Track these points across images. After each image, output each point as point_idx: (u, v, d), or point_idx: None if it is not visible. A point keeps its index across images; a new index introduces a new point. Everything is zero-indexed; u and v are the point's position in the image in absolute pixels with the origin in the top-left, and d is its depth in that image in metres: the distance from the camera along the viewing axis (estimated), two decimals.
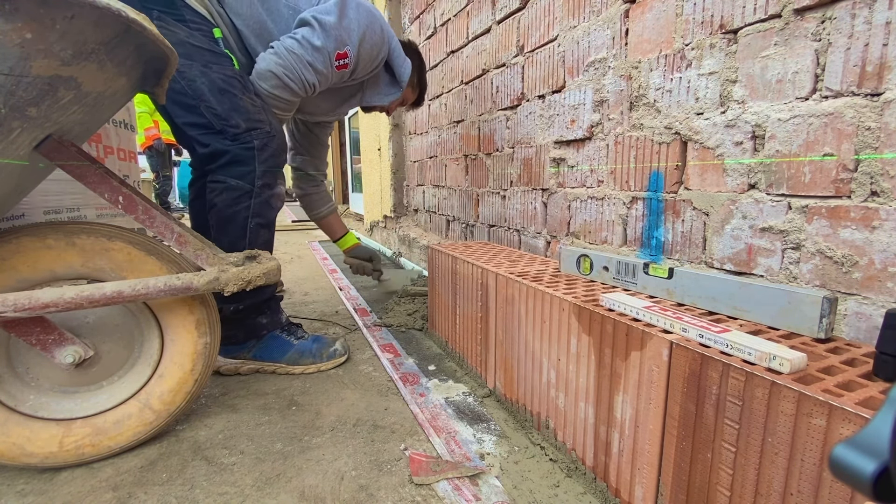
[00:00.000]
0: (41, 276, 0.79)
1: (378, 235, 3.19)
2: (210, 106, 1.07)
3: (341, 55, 1.18)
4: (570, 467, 0.78)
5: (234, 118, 1.08)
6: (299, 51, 1.14)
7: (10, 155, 0.67)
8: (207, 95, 1.07)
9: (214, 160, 1.11)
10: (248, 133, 1.10)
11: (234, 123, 1.09)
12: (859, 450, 0.20)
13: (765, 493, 0.48)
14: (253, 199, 1.12)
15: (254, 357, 1.20)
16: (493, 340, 1.03)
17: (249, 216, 1.13)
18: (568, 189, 1.22)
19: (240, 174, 1.11)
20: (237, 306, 1.14)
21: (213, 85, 1.07)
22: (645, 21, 0.94)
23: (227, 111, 1.08)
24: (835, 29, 0.63)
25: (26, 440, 0.78)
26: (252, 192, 1.12)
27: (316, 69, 1.17)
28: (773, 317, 0.61)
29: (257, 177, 1.12)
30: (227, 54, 1.12)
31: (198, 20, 1.09)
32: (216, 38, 1.11)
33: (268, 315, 1.21)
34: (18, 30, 0.54)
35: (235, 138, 1.09)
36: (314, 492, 0.75)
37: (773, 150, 0.72)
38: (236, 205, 1.11)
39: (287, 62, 1.14)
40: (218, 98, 1.07)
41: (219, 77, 1.08)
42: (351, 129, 4.76)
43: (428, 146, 2.27)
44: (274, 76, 1.15)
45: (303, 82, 1.18)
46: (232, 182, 1.11)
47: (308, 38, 1.13)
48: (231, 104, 1.08)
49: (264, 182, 1.14)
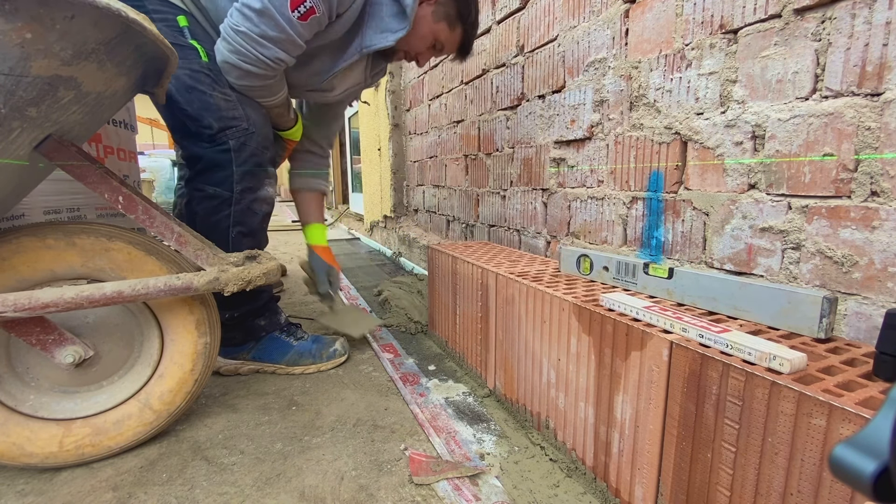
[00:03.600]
0: (41, 276, 0.79)
1: (378, 235, 3.19)
2: (181, 107, 0.98)
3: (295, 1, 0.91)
4: (570, 467, 0.78)
5: (205, 118, 0.99)
6: (244, 25, 0.92)
7: (10, 155, 0.67)
8: (176, 96, 0.98)
9: (192, 166, 1.04)
10: (223, 133, 1.01)
11: (207, 124, 1.00)
12: (859, 450, 0.20)
13: (765, 493, 0.48)
14: (233, 206, 1.04)
15: (253, 358, 1.19)
16: (493, 340, 1.03)
17: (230, 225, 1.05)
18: (568, 189, 1.22)
19: (217, 180, 1.03)
20: (232, 314, 1.11)
21: (179, 83, 0.97)
22: (645, 21, 0.94)
23: (197, 111, 0.99)
24: (835, 29, 0.63)
25: (26, 440, 0.78)
26: (231, 199, 1.04)
27: (270, 38, 0.93)
28: (773, 317, 0.61)
29: (235, 181, 1.03)
30: (192, 46, 0.99)
31: (161, 8, 0.98)
32: (181, 28, 0.99)
33: (266, 317, 1.19)
34: (18, 30, 0.54)
35: (210, 140, 1.01)
36: (314, 492, 0.75)
37: (773, 150, 0.72)
38: (216, 213, 1.04)
39: (236, 44, 0.94)
40: (186, 97, 0.98)
41: (185, 73, 0.97)
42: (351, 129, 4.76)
43: (428, 146, 2.27)
44: (231, 66, 0.97)
45: (262, 61, 0.96)
46: (210, 190, 1.03)
47: (247, 3, 0.91)
48: (201, 103, 0.99)
49: (244, 186, 1.05)
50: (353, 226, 4.06)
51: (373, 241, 3.31)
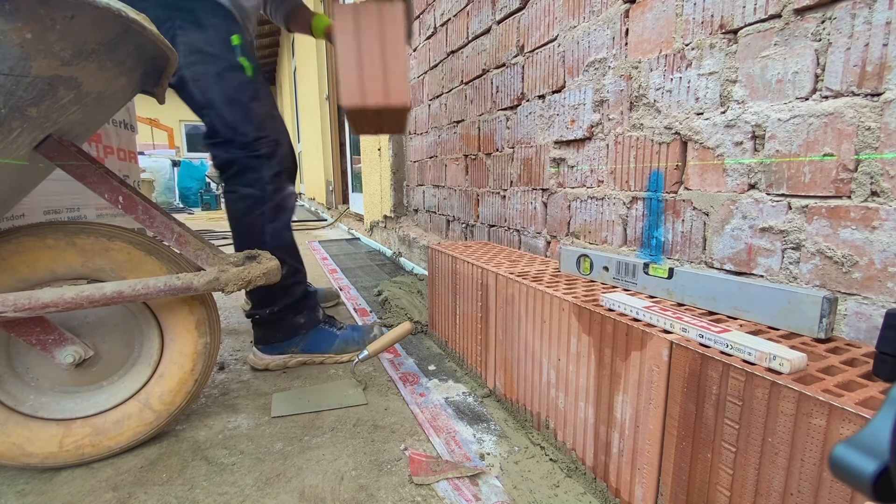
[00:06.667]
0: (41, 276, 0.79)
1: (378, 235, 3.19)
2: (221, 114, 1.10)
3: None
4: (570, 467, 0.78)
5: (242, 127, 1.12)
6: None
7: (10, 155, 0.67)
8: (219, 105, 1.10)
9: (225, 170, 1.15)
10: (257, 142, 1.13)
11: (243, 132, 1.12)
12: (859, 450, 0.20)
13: (765, 493, 0.48)
14: (266, 203, 1.16)
15: (302, 350, 1.24)
16: (493, 340, 1.03)
17: (266, 222, 1.17)
18: (568, 189, 1.22)
19: (250, 181, 1.15)
20: (272, 309, 1.18)
21: (224, 94, 1.10)
22: (645, 21, 0.94)
23: (236, 121, 1.11)
24: (835, 29, 0.63)
25: (26, 440, 0.78)
26: (264, 198, 1.16)
27: None
28: (773, 317, 0.61)
29: (267, 182, 1.16)
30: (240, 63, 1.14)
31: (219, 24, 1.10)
32: (233, 46, 1.12)
33: (305, 314, 1.25)
34: (18, 30, 0.54)
35: (244, 147, 1.13)
36: (314, 492, 0.75)
37: (773, 150, 0.72)
38: (251, 212, 1.16)
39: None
40: (228, 107, 1.10)
41: (230, 87, 1.11)
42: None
43: (428, 146, 2.27)
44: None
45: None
46: (244, 191, 1.15)
47: None
48: (242, 114, 1.12)
49: (275, 186, 1.17)
50: (353, 226, 4.05)
51: (373, 241, 3.31)
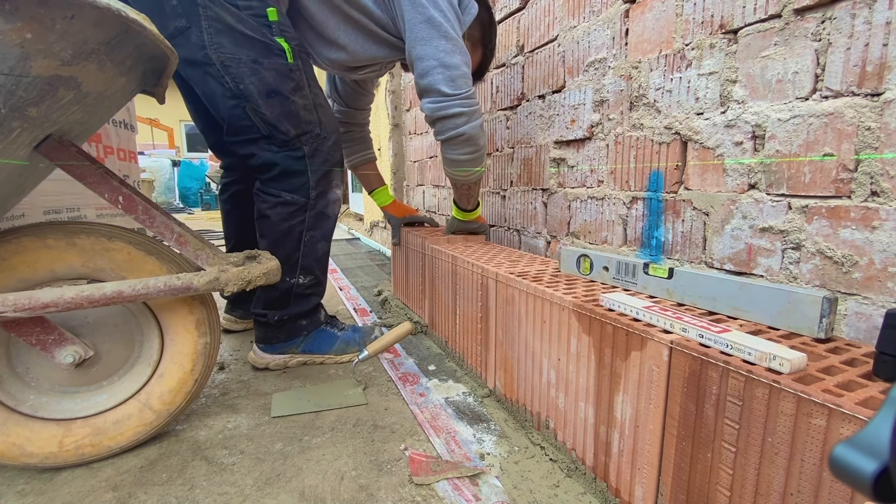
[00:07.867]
0: (41, 276, 0.79)
1: (378, 235, 3.19)
2: (258, 109, 0.98)
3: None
4: (570, 467, 0.78)
5: (283, 124, 1.01)
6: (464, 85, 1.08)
7: (10, 155, 0.67)
8: (256, 98, 0.97)
9: (263, 171, 1.06)
10: (298, 139, 1.03)
11: (284, 130, 1.01)
12: (859, 450, 0.20)
13: (765, 493, 0.48)
14: (308, 211, 1.08)
15: (303, 351, 1.22)
16: (493, 340, 1.03)
17: (304, 230, 1.10)
18: (568, 189, 1.22)
19: (294, 187, 1.06)
20: (282, 316, 1.15)
21: (262, 85, 0.97)
22: (645, 21, 0.94)
23: (276, 116, 0.99)
24: (835, 29, 0.63)
25: (26, 440, 0.78)
26: (307, 205, 1.08)
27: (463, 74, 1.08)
28: (773, 317, 0.61)
29: (311, 187, 1.07)
30: (279, 45, 0.98)
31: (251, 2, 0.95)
32: (270, 23, 0.96)
33: (308, 317, 1.23)
34: (18, 30, 0.54)
35: (283, 145, 1.02)
36: (314, 492, 0.75)
37: (773, 150, 0.72)
38: (291, 219, 1.07)
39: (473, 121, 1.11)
40: (266, 101, 0.98)
41: (270, 76, 0.97)
42: None
43: (428, 146, 2.27)
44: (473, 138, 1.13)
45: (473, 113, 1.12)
46: (287, 197, 1.06)
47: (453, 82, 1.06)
48: (282, 109, 1.00)
49: (319, 191, 1.09)
50: (353, 226, 4.05)
51: (373, 241, 3.31)
